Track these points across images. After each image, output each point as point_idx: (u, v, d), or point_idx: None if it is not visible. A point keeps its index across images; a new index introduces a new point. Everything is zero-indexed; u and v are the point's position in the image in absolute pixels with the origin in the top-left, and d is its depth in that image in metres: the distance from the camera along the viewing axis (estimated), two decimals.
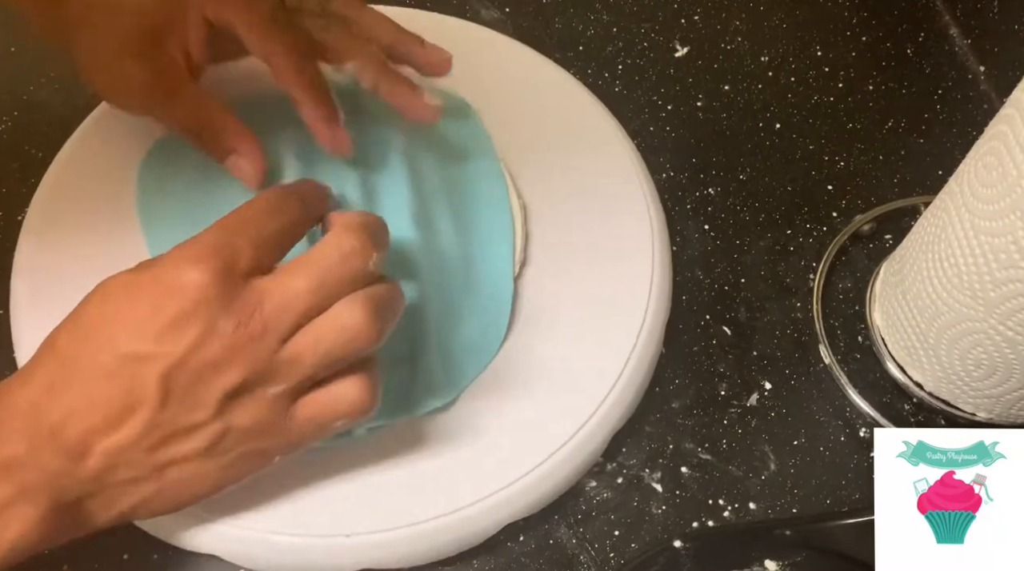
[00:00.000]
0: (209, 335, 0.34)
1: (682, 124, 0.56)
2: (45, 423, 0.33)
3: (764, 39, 0.60)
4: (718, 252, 0.52)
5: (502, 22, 0.59)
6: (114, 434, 0.34)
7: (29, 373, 0.35)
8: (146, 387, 0.33)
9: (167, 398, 0.34)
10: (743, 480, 0.45)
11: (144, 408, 0.34)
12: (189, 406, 0.34)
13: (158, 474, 0.35)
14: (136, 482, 0.35)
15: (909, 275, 0.44)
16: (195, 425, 0.34)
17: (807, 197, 0.54)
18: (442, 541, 0.42)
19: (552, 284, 0.47)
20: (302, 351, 0.35)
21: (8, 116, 0.54)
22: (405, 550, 0.41)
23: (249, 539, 0.41)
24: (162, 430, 0.34)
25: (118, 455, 0.34)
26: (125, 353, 0.33)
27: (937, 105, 0.58)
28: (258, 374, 0.35)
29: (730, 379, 0.48)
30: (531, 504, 0.43)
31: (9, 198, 0.51)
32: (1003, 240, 0.37)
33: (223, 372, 0.34)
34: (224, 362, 0.34)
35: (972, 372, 0.43)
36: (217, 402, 0.34)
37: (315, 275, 0.35)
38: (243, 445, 0.36)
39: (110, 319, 0.34)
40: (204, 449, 0.35)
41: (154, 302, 0.34)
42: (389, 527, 0.41)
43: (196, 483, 0.36)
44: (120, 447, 0.34)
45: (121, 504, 0.35)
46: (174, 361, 0.33)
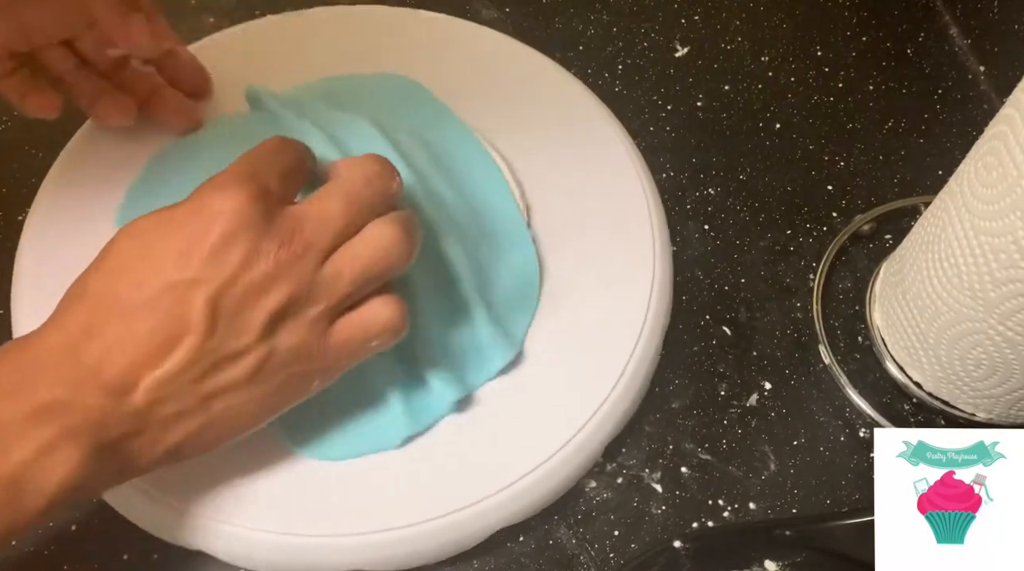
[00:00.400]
0: (254, 257, 0.34)
1: (682, 124, 0.56)
2: (85, 363, 0.33)
3: (764, 39, 0.60)
4: (718, 252, 0.52)
5: (502, 22, 0.59)
6: (160, 366, 0.33)
7: (61, 318, 0.34)
8: (193, 313, 0.34)
9: (215, 323, 0.34)
10: (743, 480, 0.45)
11: (192, 335, 0.34)
12: (236, 330, 0.34)
13: (204, 406, 0.35)
14: (181, 416, 0.35)
15: (909, 275, 0.44)
16: (241, 350, 0.35)
17: (807, 197, 0.54)
18: (438, 543, 0.42)
19: (552, 284, 0.47)
20: (341, 269, 0.36)
21: (8, 116, 0.54)
22: (400, 552, 0.41)
23: (247, 539, 0.41)
24: (209, 357, 0.34)
25: (165, 387, 0.34)
26: (170, 282, 0.34)
27: (937, 105, 0.58)
28: (300, 294, 0.35)
29: (730, 379, 0.48)
30: (529, 506, 0.43)
31: (9, 198, 0.51)
32: (1003, 240, 0.37)
33: (268, 293, 0.35)
34: (269, 283, 0.35)
35: (972, 372, 0.43)
36: (262, 325, 0.35)
37: (345, 197, 0.37)
38: (286, 370, 0.36)
39: (148, 253, 0.34)
40: (250, 375, 0.35)
41: (195, 230, 0.34)
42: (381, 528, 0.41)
43: (240, 414, 0.36)
44: (167, 378, 0.34)
45: (166, 441, 0.35)
46: (221, 284, 0.34)
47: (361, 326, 0.37)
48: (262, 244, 0.34)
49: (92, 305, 0.34)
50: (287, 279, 0.35)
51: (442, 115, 0.51)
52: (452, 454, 0.43)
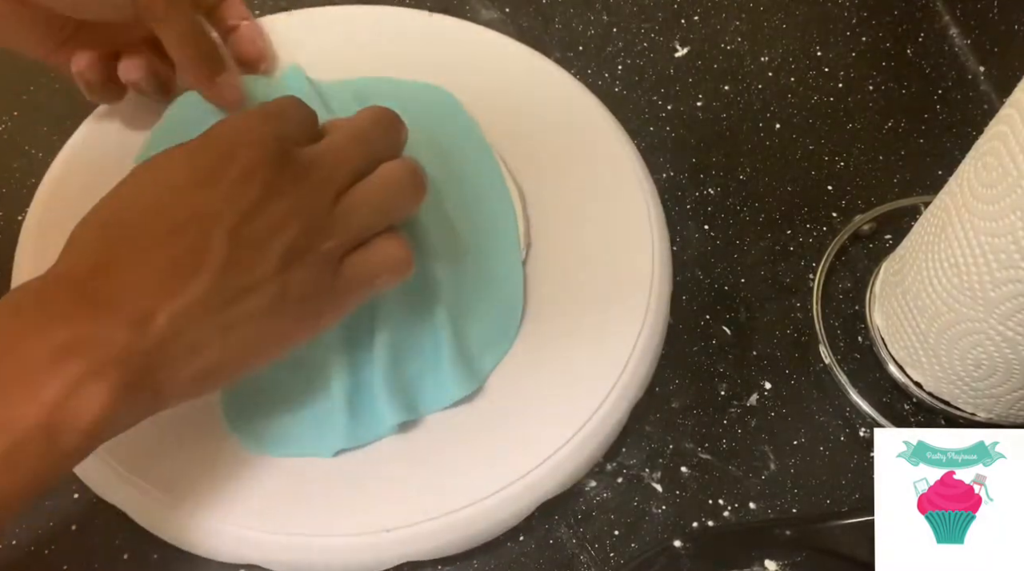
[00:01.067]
0: (271, 190, 0.35)
1: (682, 124, 0.56)
2: (104, 298, 0.33)
3: (764, 39, 0.60)
4: (718, 252, 0.52)
5: (502, 22, 0.59)
6: (178, 297, 0.34)
7: (75, 253, 0.35)
8: (213, 245, 0.34)
9: (233, 255, 0.34)
10: (743, 480, 0.45)
11: (210, 266, 0.34)
12: (253, 263, 0.35)
13: (222, 336, 0.35)
14: (201, 346, 0.35)
15: (909, 275, 0.44)
16: (257, 282, 0.35)
17: (807, 197, 0.54)
18: (437, 543, 0.41)
19: (552, 284, 0.48)
20: (355, 205, 0.38)
21: (8, 116, 0.54)
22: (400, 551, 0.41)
23: (247, 538, 0.41)
24: (227, 289, 0.35)
25: (184, 318, 0.34)
26: (189, 213, 0.34)
27: (937, 105, 0.58)
28: (316, 228, 0.36)
29: (730, 379, 0.48)
30: (529, 506, 0.43)
31: (9, 198, 0.51)
32: (1003, 240, 0.37)
33: (285, 226, 0.36)
34: (286, 216, 0.36)
35: (972, 372, 0.43)
36: (279, 257, 0.35)
37: (358, 138, 0.39)
38: (299, 303, 0.37)
39: (166, 185, 0.35)
40: (265, 308, 0.36)
41: (214, 164, 0.35)
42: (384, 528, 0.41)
43: (256, 345, 0.37)
44: (186, 309, 0.34)
45: (189, 372, 0.35)
46: (239, 216, 0.35)
47: (370, 261, 0.39)
48: (278, 180, 0.36)
49: (107, 237, 0.35)
50: (303, 214, 0.36)
51: (470, 136, 0.51)
52: (451, 454, 0.43)
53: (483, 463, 0.42)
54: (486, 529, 0.42)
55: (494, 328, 0.46)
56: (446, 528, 0.41)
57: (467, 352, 0.44)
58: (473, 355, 0.44)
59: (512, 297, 0.46)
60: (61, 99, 0.54)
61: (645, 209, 0.50)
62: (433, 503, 0.41)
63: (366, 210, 0.38)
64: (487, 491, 0.42)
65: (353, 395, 0.43)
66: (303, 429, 0.43)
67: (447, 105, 0.52)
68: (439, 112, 0.52)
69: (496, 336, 0.46)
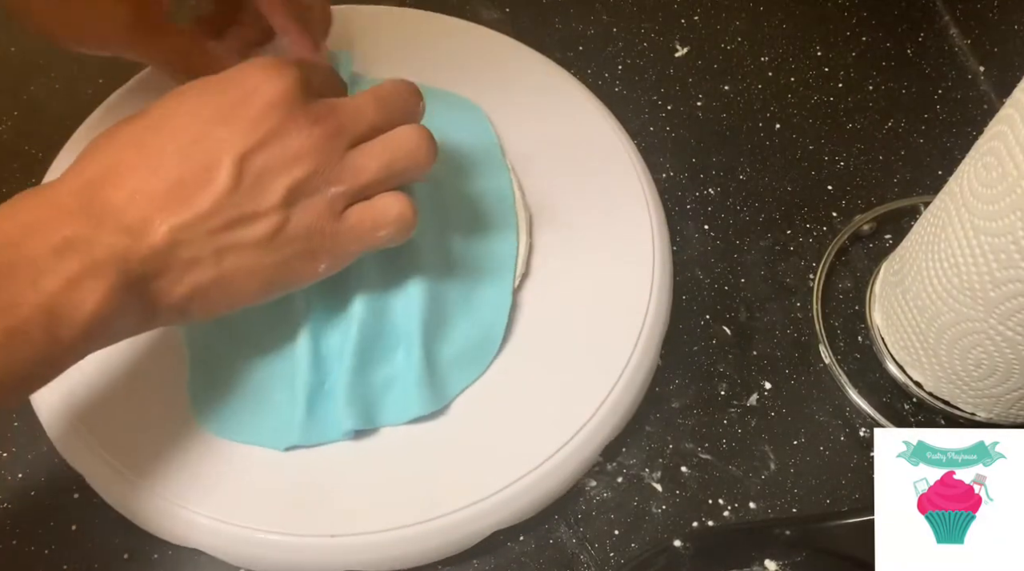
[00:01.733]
0: (288, 128, 0.36)
1: (682, 124, 0.56)
2: (109, 202, 0.34)
3: (764, 39, 0.60)
4: (718, 252, 0.52)
5: (502, 22, 0.59)
6: (180, 212, 0.35)
7: (87, 160, 0.36)
8: (220, 167, 0.35)
9: (239, 181, 0.36)
10: (743, 480, 0.45)
11: (214, 187, 0.35)
12: (257, 193, 0.36)
13: (217, 258, 0.36)
14: (196, 264, 0.36)
15: (909, 275, 0.44)
16: (259, 213, 0.36)
17: (807, 197, 0.54)
18: (437, 543, 0.41)
19: (552, 284, 0.48)
20: (368, 159, 0.39)
21: (8, 116, 0.54)
22: (400, 552, 0.41)
23: (247, 538, 0.41)
24: (228, 212, 0.36)
25: (182, 232, 0.35)
26: (201, 135, 0.36)
27: (937, 105, 0.58)
28: (324, 172, 0.37)
29: (730, 379, 0.48)
30: (528, 506, 0.43)
31: (9, 198, 0.51)
32: (1003, 240, 0.37)
33: (294, 164, 0.37)
34: (297, 155, 0.37)
35: (972, 372, 0.43)
36: (284, 192, 0.36)
37: (379, 98, 0.40)
38: (297, 243, 0.38)
39: (188, 110, 0.36)
40: (263, 239, 0.37)
41: (237, 96, 0.37)
42: (378, 529, 0.41)
43: (249, 276, 0.37)
44: (185, 224, 0.35)
45: (182, 288, 0.36)
46: (251, 145, 0.36)
47: (373, 213, 0.39)
48: (298, 118, 0.37)
49: (119, 150, 0.36)
50: (314, 155, 0.37)
51: (491, 156, 0.51)
52: (451, 454, 0.43)
53: (435, 483, 0.42)
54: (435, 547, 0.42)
55: (469, 352, 0.45)
56: (394, 542, 0.41)
57: (436, 372, 0.44)
58: (442, 376, 0.44)
59: (494, 324, 0.46)
60: (61, 99, 0.55)
61: (645, 209, 0.50)
62: (382, 515, 0.41)
63: (376, 164, 0.39)
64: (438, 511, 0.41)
65: (314, 395, 0.43)
66: (259, 419, 0.43)
67: (474, 120, 0.52)
68: (465, 126, 0.52)
69: (469, 360, 0.45)
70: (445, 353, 0.44)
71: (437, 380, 0.44)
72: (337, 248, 0.39)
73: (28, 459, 0.44)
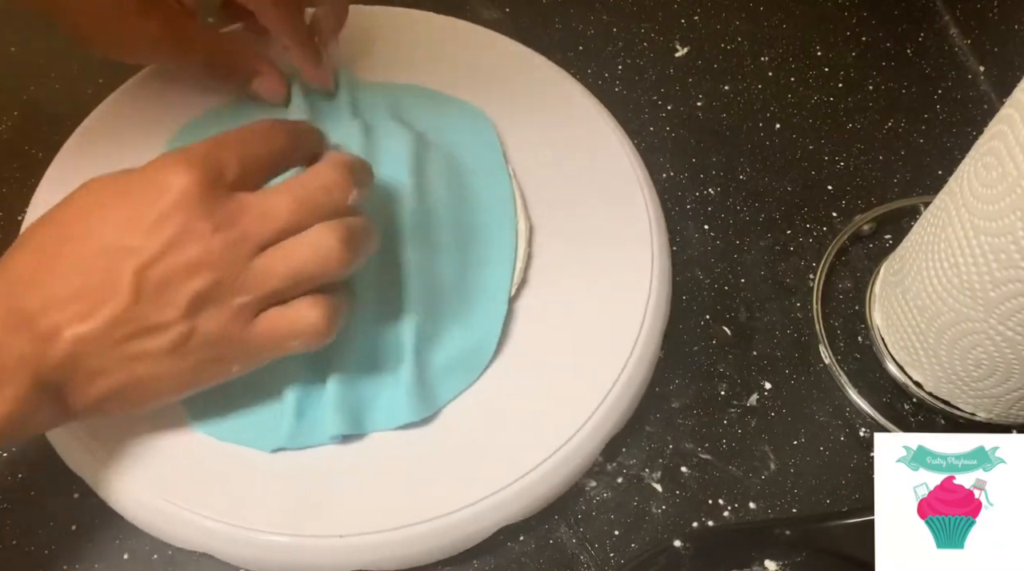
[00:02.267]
0: (187, 235, 0.35)
1: (682, 124, 0.56)
2: (24, 309, 0.35)
3: (764, 39, 0.60)
4: (718, 252, 0.52)
5: (502, 22, 0.59)
6: (85, 323, 0.35)
7: (11, 262, 0.36)
8: (120, 280, 0.35)
9: (139, 293, 0.35)
10: (743, 480, 0.45)
11: (116, 300, 0.35)
12: (160, 304, 0.35)
13: (126, 367, 0.36)
14: (104, 372, 0.36)
15: (909, 275, 0.44)
16: (163, 324, 0.36)
17: (807, 197, 0.54)
18: (437, 543, 0.41)
19: (552, 284, 0.47)
20: (274, 264, 0.36)
21: (8, 116, 0.54)
22: (399, 552, 0.41)
23: (247, 538, 0.41)
24: (131, 324, 0.35)
25: (87, 344, 0.35)
26: (104, 245, 0.35)
27: (937, 105, 0.58)
28: (228, 281, 0.36)
29: (730, 379, 0.48)
30: (528, 506, 0.43)
31: (9, 198, 0.51)
32: (1003, 240, 0.37)
33: (196, 274, 0.35)
34: (198, 264, 0.35)
35: (972, 372, 0.43)
36: (186, 303, 0.35)
37: (296, 197, 0.37)
38: (205, 350, 0.37)
39: (93, 213, 0.36)
40: (169, 349, 0.36)
41: (138, 200, 0.35)
42: (384, 528, 0.41)
43: (161, 381, 0.37)
44: (90, 336, 0.35)
45: (91, 392, 0.36)
46: (150, 257, 0.35)
47: (284, 323, 0.38)
48: (197, 225, 0.35)
49: (37, 255, 0.36)
50: (216, 265, 0.35)
51: (494, 166, 0.50)
52: (450, 454, 0.43)
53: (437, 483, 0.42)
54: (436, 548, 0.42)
55: (461, 360, 0.45)
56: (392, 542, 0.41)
57: (427, 379, 0.44)
58: (432, 383, 0.44)
59: (488, 333, 0.45)
60: (61, 99, 0.55)
61: (645, 209, 0.50)
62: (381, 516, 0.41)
63: (284, 271, 0.37)
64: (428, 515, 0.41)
65: (303, 398, 0.43)
66: (248, 421, 0.43)
67: (476, 124, 0.52)
68: (466, 130, 0.51)
69: (461, 368, 0.45)
70: (437, 361, 0.44)
71: (427, 388, 0.44)
72: (248, 357, 0.38)
73: (28, 459, 0.44)
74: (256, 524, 0.41)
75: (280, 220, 0.37)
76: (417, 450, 0.43)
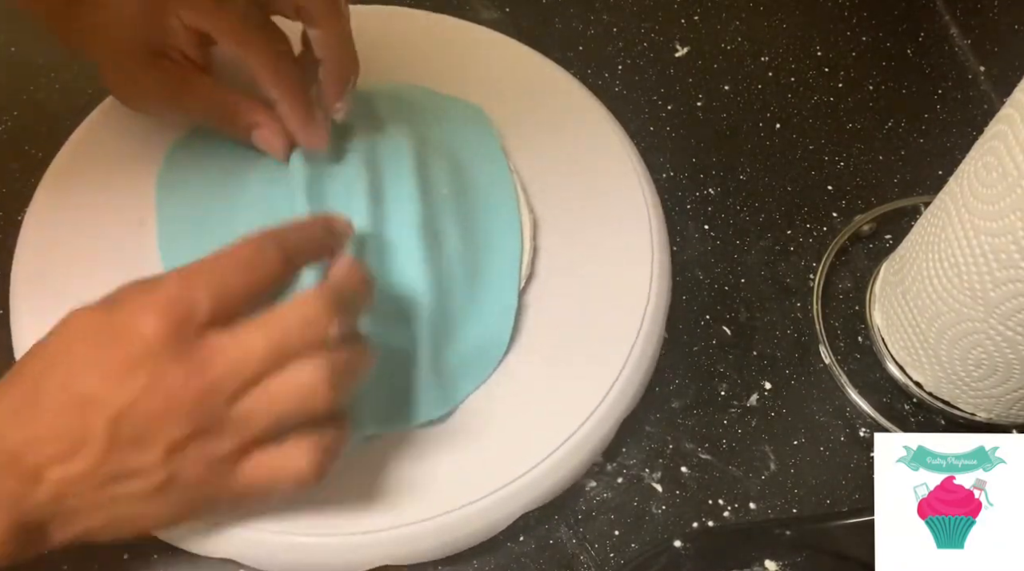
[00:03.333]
0: (156, 385, 0.33)
1: (682, 124, 0.56)
2: (9, 448, 0.34)
3: (764, 39, 0.60)
4: (718, 252, 0.52)
5: (502, 22, 0.59)
6: (66, 466, 0.34)
7: (7, 389, 0.35)
8: (94, 429, 0.33)
9: (113, 442, 0.34)
10: (743, 480, 0.45)
11: (91, 448, 0.34)
12: (137, 449, 0.34)
13: (109, 506, 0.35)
14: (88, 511, 0.35)
15: (909, 275, 0.44)
16: (141, 469, 0.34)
17: (807, 197, 0.54)
18: (437, 542, 0.41)
19: (553, 285, 0.47)
20: (253, 410, 0.35)
21: (8, 116, 0.54)
22: (400, 550, 0.41)
23: (247, 538, 0.41)
24: (109, 469, 0.34)
25: (68, 486, 0.34)
26: (78, 392, 0.34)
27: (937, 105, 0.58)
28: (205, 429, 0.34)
29: (730, 379, 0.48)
30: (528, 505, 0.43)
31: (9, 198, 0.51)
32: (1003, 240, 0.37)
33: (168, 424, 0.34)
34: (170, 414, 0.34)
35: (972, 372, 0.43)
36: (163, 451, 0.34)
37: (273, 337, 0.35)
38: (189, 492, 0.35)
39: (70, 354, 0.35)
40: (151, 491, 0.35)
41: (108, 346, 0.34)
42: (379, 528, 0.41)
43: (146, 518, 0.36)
44: (70, 479, 0.34)
45: (76, 528, 0.36)
46: (121, 407, 0.33)
47: (269, 471, 0.36)
48: (167, 375, 0.33)
49: (23, 391, 0.35)
50: (188, 414, 0.34)
51: (495, 161, 0.50)
52: (450, 454, 0.43)
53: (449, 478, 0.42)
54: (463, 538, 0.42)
55: (475, 356, 0.45)
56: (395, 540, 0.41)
57: (443, 377, 0.44)
58: (449, 380, 0.44)
59: (500, 327, 0.46)
60: (61, 99, 0.54)
61: (645, 209, 0.50)
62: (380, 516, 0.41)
63: (265, 418, 0.35)
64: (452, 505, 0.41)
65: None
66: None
67: (479, 128, 0.52)
68: (469, 132, 0.51)
69: (475, 364, 0.45)
70: (452, 358, 0.44)
71: (445, 385, 0.44)
72: (235, 498, 0.37)
73: None
74: (256, 523, 0.41)
75: (254, 365, 0.34)
76: (415, 450, 0.43)
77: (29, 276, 0.47)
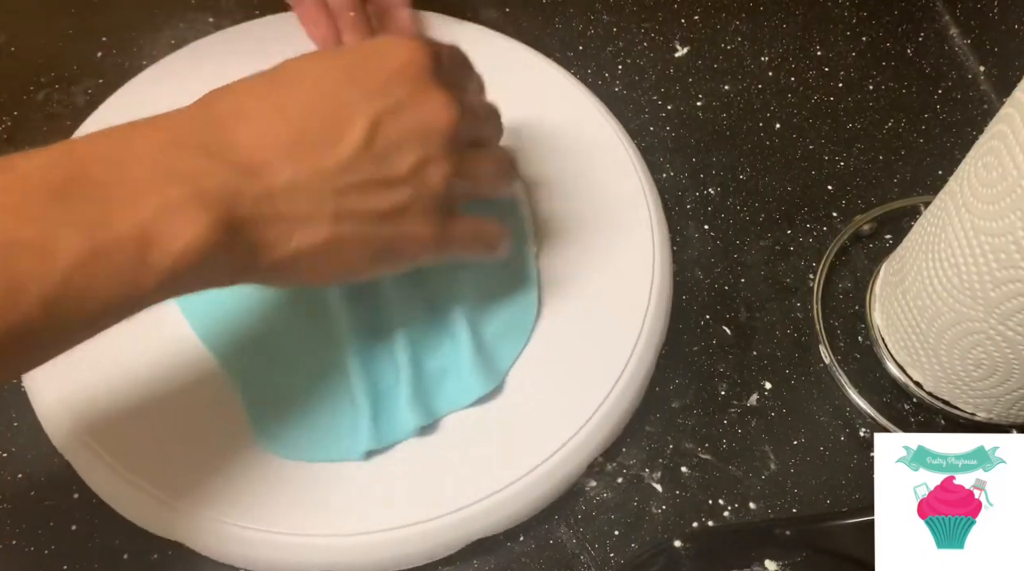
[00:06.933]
0: (422, 100, 0.35)
1: (682, 124, 0.56)
2: (227, 139, 0.32)
3: (764, 39, 0.60)
4: (718, 252, 0.52)
5: (502, 22, 0.59)
6: (307, 161, 0.33)
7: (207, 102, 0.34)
8: (352, 126, 0.34)
9: (370, 143, 0.34)
10: (743, 480, 0.45)
11: (346, 144, 0.34)
12: (387, 160, 0.35)
13: (334, 220, 0.34)
14: (311, 220, 0.34)
15: (909, 275, 0.44)
16: (385, 181, 0.35)
17: (807, 197, 0.54)
18: (437, 543, 0.42)
19: (552, 284, 0.48)
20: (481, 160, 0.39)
21: (8, 116, 0.54)
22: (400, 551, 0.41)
23: (247, 538, 0.41)
24: (355, 174, 0.34)
25: (305, 181, 0.33)
26: (334, 91, 0.34)
27: (937, 105, 0.58)
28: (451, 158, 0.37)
29: (730, 379, 0.48)
30: (528, 507, 0.43)
31: None
32: (1003, 240, 0.37)
33: (426, 140, 0.36)
34: (429, 131, 0.36)
35: (972, 372, 0.43)
36: (412, 164, 0.35)
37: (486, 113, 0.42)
38: (412, 223, 0.36)
39: (317, 68, 0.35)
40: (386, 211, 0.35)
41: (369, 61, 0.35)
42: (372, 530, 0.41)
43: (360, 246, 0.36)
44: (310, 173, 0.33)
45: (290, 242, 0.33)
46: (383, 110, 0.35)
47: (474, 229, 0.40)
48: (432, 94, 0.36)
49: (245, 96, 0.34)
50: (446, 137, 0.36)
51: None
52: (449, 456, 0.43)
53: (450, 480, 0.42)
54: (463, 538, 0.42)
55: (510, 325, 0.46)
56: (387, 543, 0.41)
57: (485, 350, 0.44)
58: (491, 353, 0.45)
59: (527, 294, 0.47)
60: (61, 99, 0.54)
61: (645, 209, 0.50)
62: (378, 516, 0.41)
63: (485, 171, 0.39)
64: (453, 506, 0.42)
65: (377, 401, 0.43)
66: (329, 436, 0.43)
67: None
68: None
69: (512, 333, 0.46)
70: (489, 331, 0.45)
71: (487, 358, 0.44)
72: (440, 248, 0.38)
73: (28, 459, 0.44)
74: (256, 523, 0.41)
75: (481, 123, 0.39)
76: (415, 451, 0.43)
77: None
